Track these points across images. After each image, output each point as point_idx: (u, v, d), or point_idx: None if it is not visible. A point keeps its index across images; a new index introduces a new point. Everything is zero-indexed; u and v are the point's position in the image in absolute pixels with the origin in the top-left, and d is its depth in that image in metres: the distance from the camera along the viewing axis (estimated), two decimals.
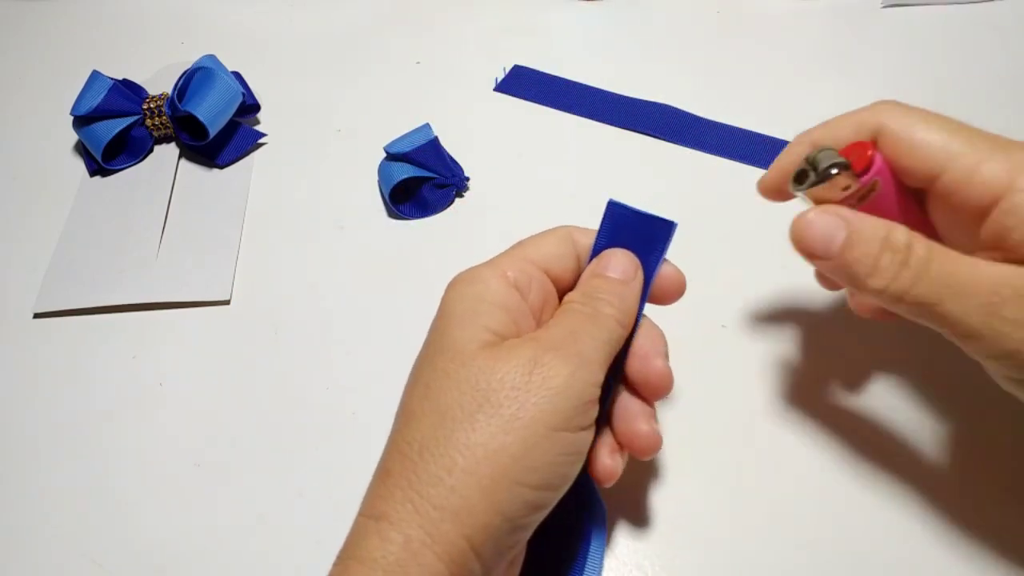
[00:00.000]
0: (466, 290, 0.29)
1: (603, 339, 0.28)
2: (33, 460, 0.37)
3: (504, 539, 0.25)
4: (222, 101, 0.46)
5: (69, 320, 0.41)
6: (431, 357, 0.28)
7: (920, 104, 0.49)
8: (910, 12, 0.55)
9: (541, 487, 0.25)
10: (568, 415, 0.26)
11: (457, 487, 0.24)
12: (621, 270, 0.29)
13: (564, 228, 0.31)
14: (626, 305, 0.29)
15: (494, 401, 0.25)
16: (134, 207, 0.46)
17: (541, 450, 0.25)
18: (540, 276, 0.30)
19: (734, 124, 0.48)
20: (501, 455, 0.25)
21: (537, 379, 0.25)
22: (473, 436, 0.25)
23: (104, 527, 0.34)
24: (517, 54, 0.54)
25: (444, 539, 0.24)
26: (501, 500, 0.25)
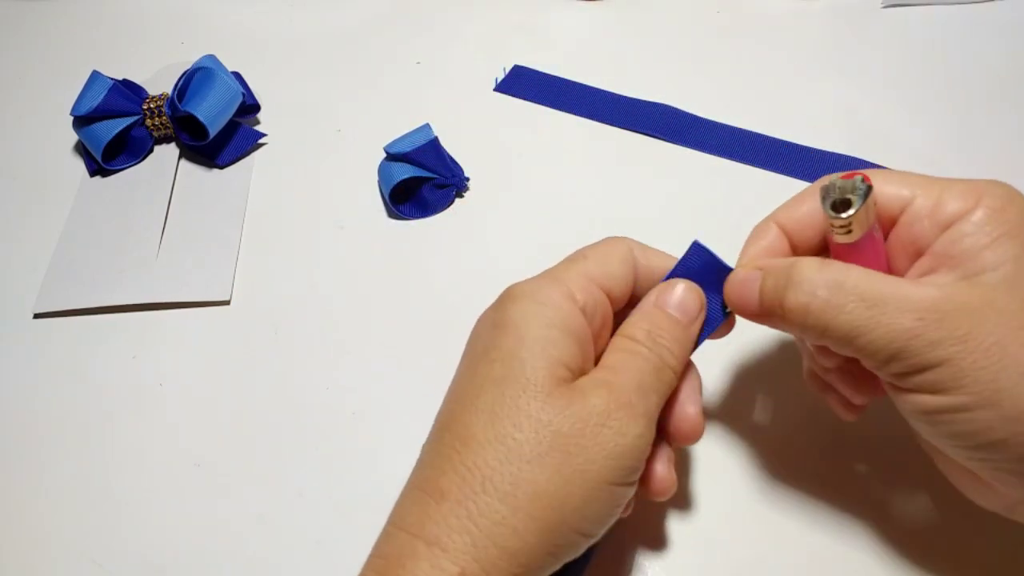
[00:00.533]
0: (535, 310, 0.27)
1: (663, 393, 0.28)
2: (33, 460, 0.37)
3: (544, 573, 0.26)
4: (222, 101, 0.46)
5: (69, 320, 0.41)
6: (499, 381, 0.26)
7: (920, 104, 0.49)
8: (910, 12, 0.55)
9: (590, 535, 0.26)
10: (628, 473, 0.26)
11: (519, 529, 0.24)
12: (685, 309, 0.29)
13: (624, 243, 0.30)
14: (684, 353, 0.29)
15: (564, 448, 0.25)
16: (134, 207, 0.46)
17: (601, 503, 0.25)
18: (603, 300, 0.29)
19: (734, 124, 0.48)
20: (565, 505, 0.25)
21: (608, 434, 0.25)
22: (541, 481, 0.25)
23: (104, 527, 0.34)
24: (517, 54, 0.54)
25: (497, 574, 0.24)
26: (556, 544, 0.25)
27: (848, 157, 0.46)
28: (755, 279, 0.28)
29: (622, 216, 0.44)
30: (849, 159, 0.46)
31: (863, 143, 0.47)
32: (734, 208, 0.44)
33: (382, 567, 0.25)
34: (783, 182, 0.45)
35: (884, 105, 0.49)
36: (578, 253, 0.30)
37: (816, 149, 0.47)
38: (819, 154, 0.46)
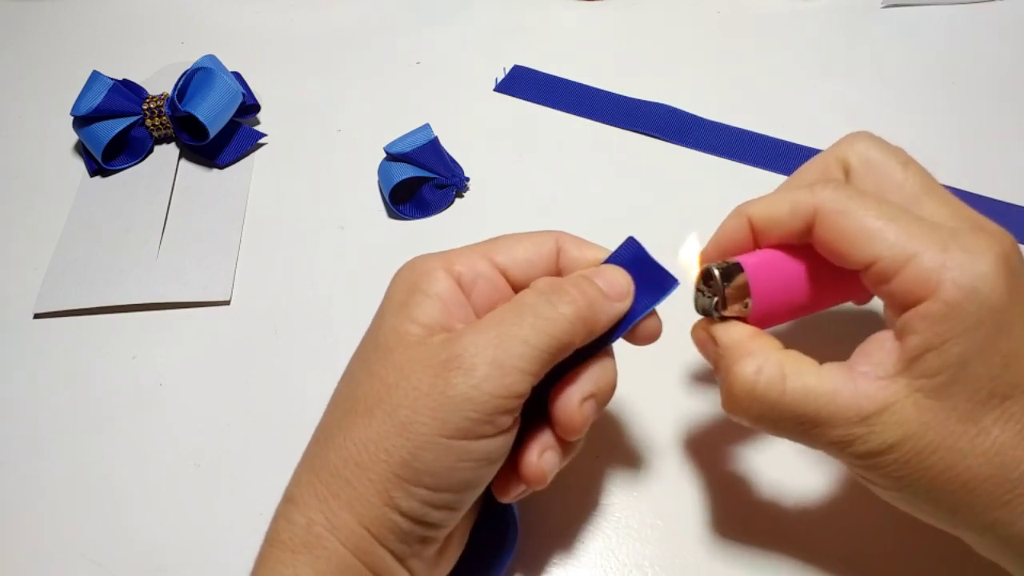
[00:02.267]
0: (406, 276, 0.28)
1: (541, 344, 0.25)
2: (33, 460, 0.37)
3: (410, 532, 0.25)
4: (222, 101, 0.46)
5: (69, 320, 0.41)
6: (363, 345, 0.28)
7: (920, 104, 0.49)
8: (910, 12, 0.55)
9: (440, 489, 0.25)
10: (465, 427, 0.24)
11: (351, 480, 0.25)
12: (610, 283, 0.27)
13: (551, 234, 0.29)
14: (593, 313, 0.26)
15: (394, 400, 0.25)
16: (134, 207, 0.46)
17: (432, 456, 0.24)
18: (494, 276, 0.28)
19: (734, 124, 0.48)
20: (393, 456, 0.24)
21: (440, 384, 0.24)
22: (368, 432, 0.25)
23: (104, 527, 0.34)
24: (517, 54, 0.54)
25: (344, 526, 0.25)
26: (395, 497, 0.25)
27: None
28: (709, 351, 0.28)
29: (622, 216, 0.44)
30: None
31: None
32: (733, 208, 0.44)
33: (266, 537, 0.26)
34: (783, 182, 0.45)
35: (884, 105, 0.49)
36: (494, 237, 0.30)
37: (816, 149, 0.47)
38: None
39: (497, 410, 0.25)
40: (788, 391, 0.25)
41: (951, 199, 0.27)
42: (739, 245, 0.29)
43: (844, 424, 0.24)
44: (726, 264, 0.27)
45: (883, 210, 0.25)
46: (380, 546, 0.25)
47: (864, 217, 0.25)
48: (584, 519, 0.33)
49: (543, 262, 0.29)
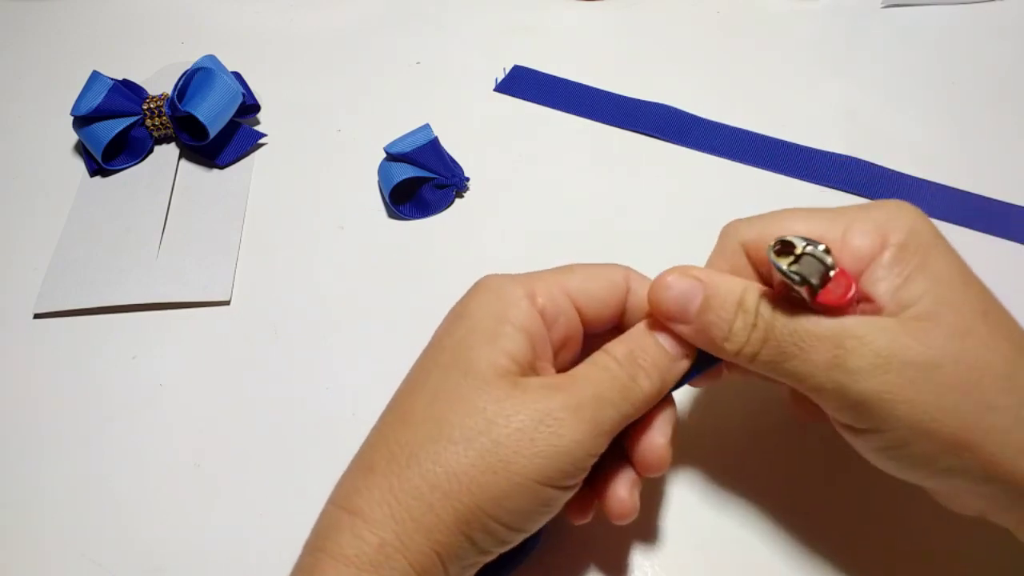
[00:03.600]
0: (493, 303, 0.28)
1: (626, 412, 0.27)
2: (33, 460, 0.37)
3: (469, 559, 0.26)
4: (222, 101, 0.46)
5: (69, 320, 0.41)
6: (446, 366, 0.27)
7: (920, 104, 0.49)
8: (910, 12, 0.55)
9: (512, 528, 0.26)
10: (559, 476, 0.26)
11: (435, 506, 0.25)
12: (676, 343, 0.28)
13: (620, 270, 0.30)
14: (664, 384, 0.28)
15: (495, 437, 0.25)
16: (134, 207, 0.46)
17: (523, 498, 0.25)
18: (570, 311, 0.29)
19: (734, 124, 0.48)
20: (484, 491, 0.25)
21: (544, 433, 0.25)
22: (462, 462, 0.25)
23: (104, 527, 0.34)
24: (517, 54, 0.54)
25: (416, 548, 0.25)
26: (473, 530, 0.25)
27: (848, 157, 0.46)
28: (696, 291, 0.27)
29: (622, 216, 0.44)
30: (849, 159, 0.46)
31: (863, 143, 0.47)
32: (734, 208, 0.44)
33: (312, 541, 0.26)
34: (783, 182, 0.45)
35: (884, 105, 0.49)
36: (569, 265, 0.30)
37: (816, 149, 0.47)
38: (819, 154, 0.46)
39: (586, 465, 0.26)
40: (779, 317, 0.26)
41: None
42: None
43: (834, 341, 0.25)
44: None
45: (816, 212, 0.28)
46: (442, 569, 0.25)
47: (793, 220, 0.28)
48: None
49: (615, 301, 0.30)
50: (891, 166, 0.45)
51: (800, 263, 0.25)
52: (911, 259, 0.26)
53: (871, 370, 0.24)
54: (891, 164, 0.45)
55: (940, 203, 0.44)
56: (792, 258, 0.25)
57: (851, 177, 0.45)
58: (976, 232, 0.43)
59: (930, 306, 0.25)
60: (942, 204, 0.44)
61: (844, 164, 0.46)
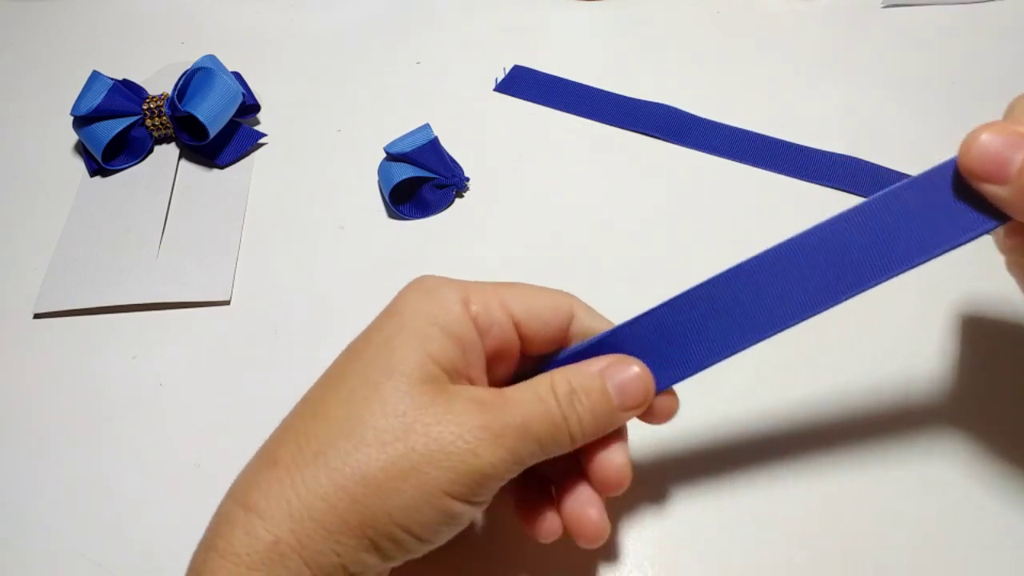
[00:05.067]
0: (424, 303, 0.27)
1: (549, 451, 0.26)
2: (33, 460, 0.37)
3: (372, 563, 0.25)
4: (222, 101, 0.46)
5: (69, 320, 0.41)
6: (368, 362, 0.26)
7: (920, 104, 0.49)
8: (910, 12, 0.55)
9: (419, 538, 0.25)
10: (469, 493, 0.25)
11: (339, 508, 0.24)
12: (626, 394, 0.27)
13: (566, 297, 0.29)
14: (596, 430, 0.27)
15: (410, 443, 0.24)
16: (134, 207, 0.46)
17: (431, 509, 0.24)
18: (506, 323, 0.28)
19: (734, 124, 0.48)
20: (393, 498, 0.24)
21: (461, 449, 0.24)
22: (374, 466, 0.24)
23: (104, 527, 0.34)
24: (517, 54, 0.54)
25: (315, 549, 0.24)
26: (378, 536, 0.24)
27: (848, 157, 0.46)
28: (1014, 148, 0.25)
29: (622, 216, 0.44)
30: (849, 159, 0.46)
31: (863, 143, 0.47)
32: (734, 208, 0.44)
33: (205, 538, 0.25)
34: (783, 182, 0.45)
35: (884, 105, 0.49)
36: (512, 282, 0.29)
37: (816, 149, 0.47)
38: (819, 154, 0.46)
39: (495, 488, 0.25)
40: None
41: None
42: None
43: None
44: None
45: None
46: (343, 572, 0.24)
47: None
48: None
49: (557, 323, 0.28)
50: (891, 166, 0.45)
51: None
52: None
53: None
54: (891, 164, 0.45)
55: None
56: None
57: (851, 177, 0.45)
58: None
59: None
60: None
61: (844, 164, 0.46)
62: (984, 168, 0.25)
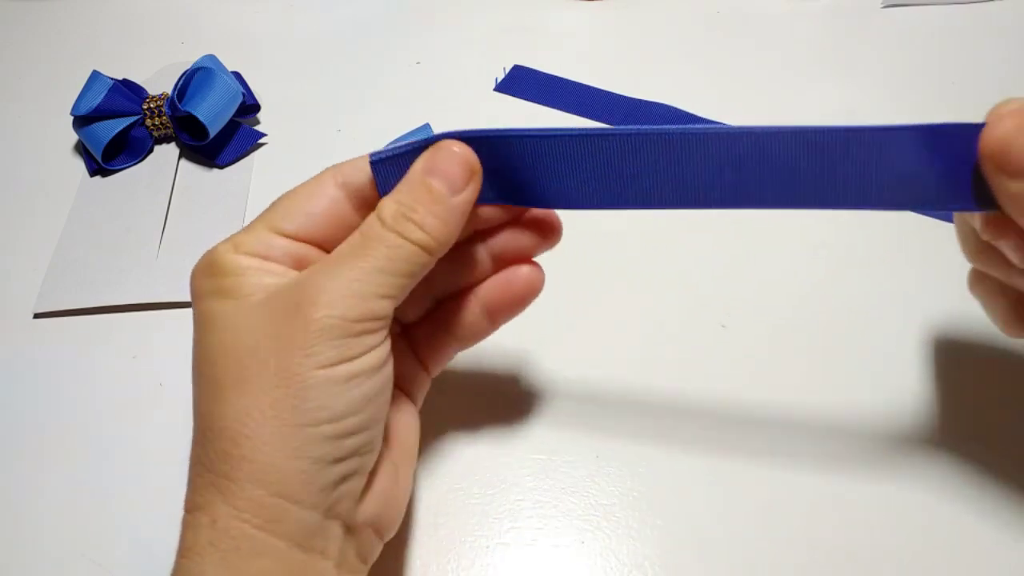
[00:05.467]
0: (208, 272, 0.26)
1: (400, 273, 0.25)
2: (33, 460, 0.37)
3: (325, 475, 0.24)
4: (222, 101, 0.46)
5: (69, 320, 0.41)
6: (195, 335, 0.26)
7: (920, 104, 0.49)
8: (910, 12, 0.55)
9: (342, 416, 0.24)
10: (336, 354, 0.24)
11: (247, 455, 0.24)
12: (447, 174, 0.26)
13: (325, 174, 0.29)
14: (446, 225, 0.26)
15: (260, 357, 0.24)
16: (134, 207, 0.46)
17: (321, 389, 0.24)
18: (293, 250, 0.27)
19: (734, 124, 0.48)
20: (280, 409, 0.24)
21: (301, 323, 0.24)
22: (243, 400, 0.24)
23: (104, 527, 0.34)
24: (517, 54, 0.54)
25: (250, 504, 0.23)
26: (299, 447, 0.24)
27: None
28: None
29: (621, 216, 0.44)
30: None
31: None
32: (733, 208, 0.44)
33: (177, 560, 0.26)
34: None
35: (884, 105, 0.49)
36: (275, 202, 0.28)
37: None
38: None
39: (363, 331, 0.25)
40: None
41: None
42: None
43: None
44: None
45: None
46: (294, 507, 0.24)
47: None
48: (584, 519, 0.33)
49: (335, 209, 0.28)
50: None
51: None
52: None
53: None
54: None
55: None
56: None
57: None
58: None
59: None
60: None
61: None
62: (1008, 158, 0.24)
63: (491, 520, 0.33)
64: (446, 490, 0.34)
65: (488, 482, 0.34)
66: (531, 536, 0.33)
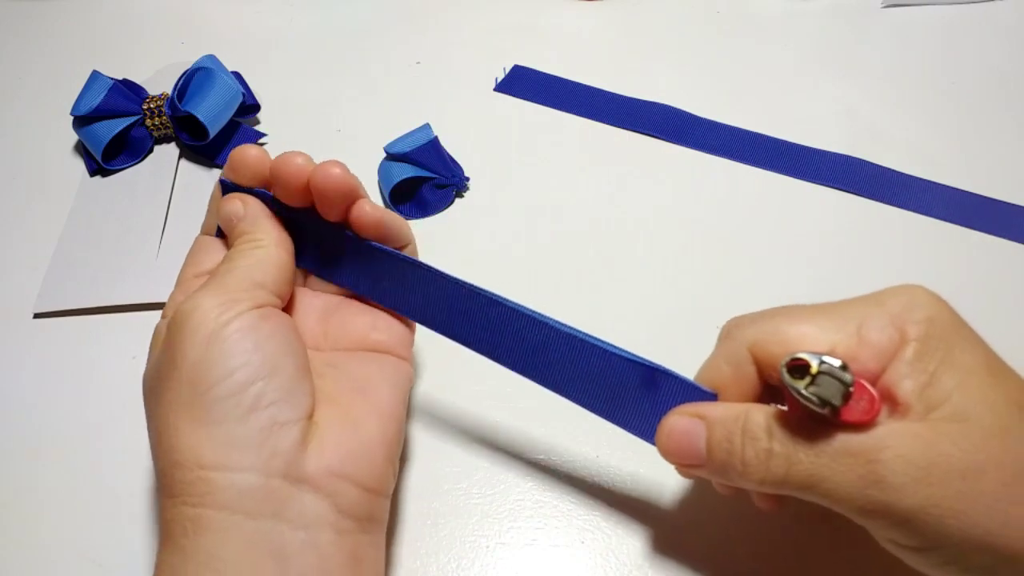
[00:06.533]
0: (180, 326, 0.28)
1: (246, 264, 0.29)
2: (33, 460, 0.37)
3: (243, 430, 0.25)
4: (222, 101, 0.46)
5: (69, 320, 0.41)
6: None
7: (920, 104, 0.49)
8: (910, 12, 0.55)
9: (225, 375, 0.26)
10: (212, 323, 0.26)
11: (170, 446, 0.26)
12: (227, 214, 0.31)
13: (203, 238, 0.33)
14: (261, 228, 0.30)
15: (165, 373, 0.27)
16: (134, 207, 0.46)
17: (204, 357, 0.26)
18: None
19: (734, 124, 0.48)
20: (178, 394, 0.26)
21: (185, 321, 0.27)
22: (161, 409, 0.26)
23: (104, 527, 0.34)
24: (517, 54, 0.54)
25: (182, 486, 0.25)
26: (201, 416, 0.25)
27: (848, 157, 0.46)
28: (698, 429, 0.26)
29: (621, 216, 0.44)
30: (849, 159, 0.46)
31: (863, 143, 0.47)
32: (734, 208, 0.44)
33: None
34: (783, 182, 0.45)
35: (884, 105, 0.49)
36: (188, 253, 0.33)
37: (816, 149, 0.47)
38: (819, 154, 0.46)
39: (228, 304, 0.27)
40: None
41: None
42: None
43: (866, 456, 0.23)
44: None
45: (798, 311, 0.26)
46: (225, 472, 0.25)
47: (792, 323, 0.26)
48: (584, 519, 0.33)
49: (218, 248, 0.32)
50: (891, 166, 0.45)
51: (817, 383, 0.23)
52: (934, 353, 0.24)
53: (912, 484, 0.22)
54: (891, 164, 0.45)
55: (940, 203, 0.44)
56: (809, 379, 0.23)
57: (851, 177, 0.45)
58: (976, 232, 0.43)
59: (961, 404, 0.23)
60: (942, 204, 0.44)
61: (844, 164, 0.46)
62: (680, 459, 0.27)
63: (491, 520, 0.33)
64: (446, 490, 0.34)
65: (488, 482, 0.34)
66: (531, 536, 0.33)
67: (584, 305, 0.40)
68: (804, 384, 0.23)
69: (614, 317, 0.40)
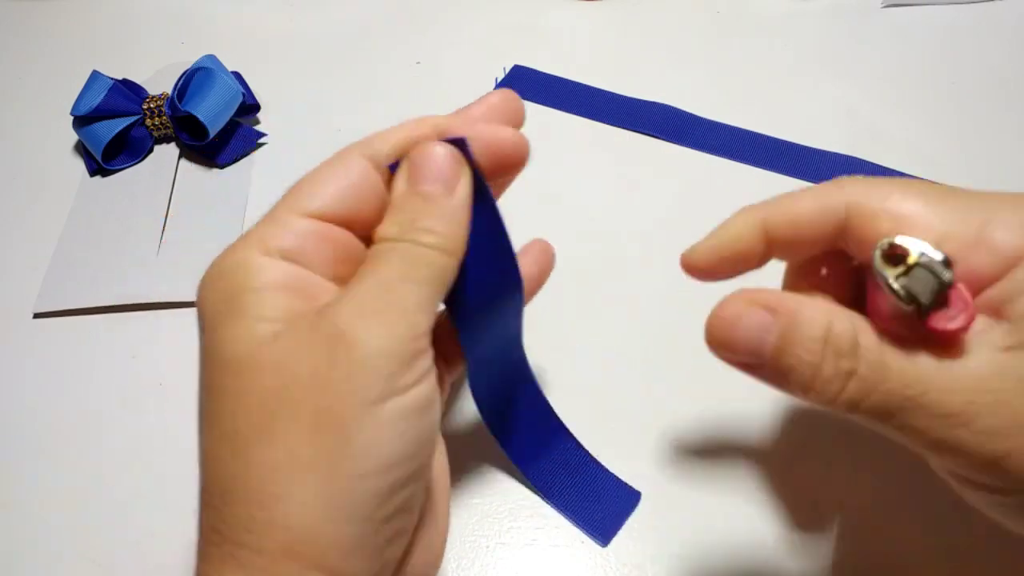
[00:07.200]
0: (220, 285, 0.23)
1: (425, 280, 0.22)
2: (33, 460, 0.37)
3: (374, 537, 0.21)
4: (222, 101, 0.46)
5: (69, 320, 0.41)
6: (201, 378, 0.22)
7: (920, 104, 0.49)
8: (910, 12, 0.55)
9: (389, 467, 0.21)
10: (387, 385, 0.21)
11: (278, 519, 0.20)
12: (437, 175, 0.24)
13: (351, 150, 0.25)
14: (454, 224, 0.24)
15: (292, 400, 0.20)
16: (134, 207, 0.46)
17: (367, 431, 0.20)
18: (323, 230, 0.24)
19: (734, 124, 0.48)
20: (318, 459, 0.20)
21: (343, 351, 0.20)
22: (273, 452, 0.20)
23: (104, 527, 0.34)
24: (517, 54, 0.54)
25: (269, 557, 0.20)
26: (343, 507, 0.20)
27: (848, 157, 0.46)
28: (768, 326, 0.22)
29: (622, 216, 0.44)
30: (849, 159, 0.46)
31: (863, 143, 0.47)
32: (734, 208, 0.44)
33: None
34: (783, 182, 0.45)
35: (884, 105, 0.49)
36: (295, 184, 0.25)
37: (816, 149, 0.47)
38: (819, 154, 0.46)
39: (412, 354, 0.22)
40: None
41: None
42: (743, 255, 0.25)
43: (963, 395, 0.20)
44: None
45: (922, 187, 0.22)
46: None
47: (905, 199, 0.22)
48: None
49: (364, 181, 0.24)
50: (891, 166, 0.45)
51: (911, 275, 0.20)
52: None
53: (1007, 428, 0.20)
54: (891, 164, 0.45)
55: None
56: (903, 268, 0.20)
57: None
58: None
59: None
60: None
61: (844, 164, 0.46)
62: (733, 352, 0.23)
63: (491, 520, 0.33)
64: None
65: (488, 482, 0.34)
66: (531, 536, 0.33)
67: (583, 305, 0.40)
68: (896, 273, 0.20)
69: (614, 317, 0.40)
